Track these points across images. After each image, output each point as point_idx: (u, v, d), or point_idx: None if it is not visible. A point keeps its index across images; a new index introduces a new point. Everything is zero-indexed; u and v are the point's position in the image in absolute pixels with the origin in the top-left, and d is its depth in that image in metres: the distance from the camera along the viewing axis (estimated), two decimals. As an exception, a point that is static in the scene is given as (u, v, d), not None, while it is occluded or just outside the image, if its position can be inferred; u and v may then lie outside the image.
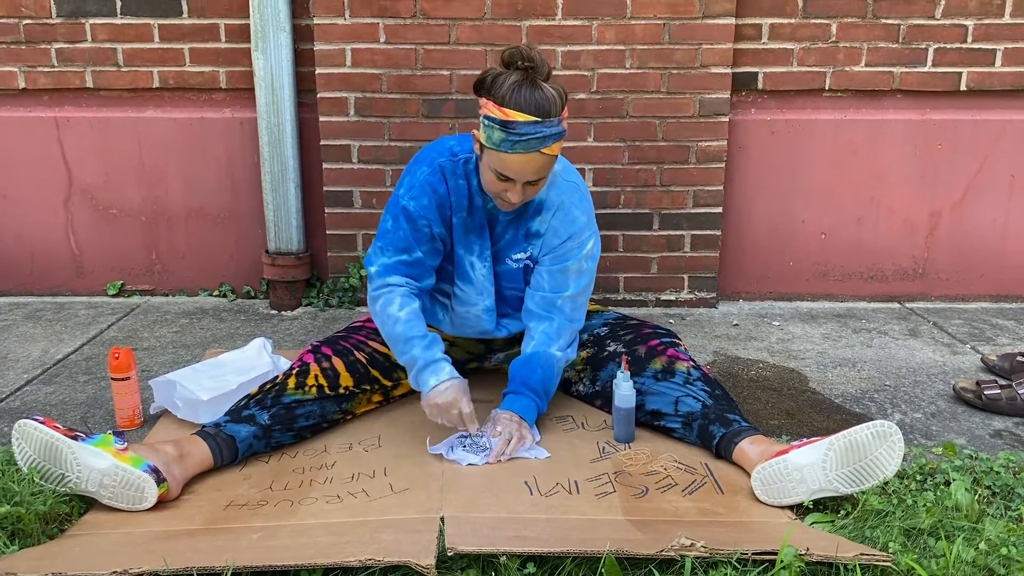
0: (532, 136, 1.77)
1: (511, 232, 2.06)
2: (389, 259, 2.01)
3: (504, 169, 1.82)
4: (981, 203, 3.24)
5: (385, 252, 2.01)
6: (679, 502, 1.76)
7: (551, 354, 2.06)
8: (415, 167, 2.01)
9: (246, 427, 1.93)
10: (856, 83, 3.12)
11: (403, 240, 1.99)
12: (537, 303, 2.08)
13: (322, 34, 2.98)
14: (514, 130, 1.76)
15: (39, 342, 2.80)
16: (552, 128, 1.78)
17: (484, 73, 1.83)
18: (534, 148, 1.78)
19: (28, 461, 1.71)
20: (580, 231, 2.04)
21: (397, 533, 1.60)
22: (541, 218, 2.04)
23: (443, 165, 1.98)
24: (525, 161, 1.80)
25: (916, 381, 2.50)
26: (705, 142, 3.07)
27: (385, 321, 1.99)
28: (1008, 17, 3.06)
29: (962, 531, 1.60)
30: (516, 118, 1.76)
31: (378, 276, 2.01)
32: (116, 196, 3.26)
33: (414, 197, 1.97)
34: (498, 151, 1.80)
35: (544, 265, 2.07)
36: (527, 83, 1.77)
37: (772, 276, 3.31)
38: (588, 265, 2.08)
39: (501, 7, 2.95)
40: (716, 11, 2.95)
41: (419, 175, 1.98)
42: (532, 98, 1.76)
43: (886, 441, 1.68)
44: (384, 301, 1.99)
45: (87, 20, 3.09)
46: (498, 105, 1.78)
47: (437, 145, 2.04)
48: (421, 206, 1.97)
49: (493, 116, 1.78)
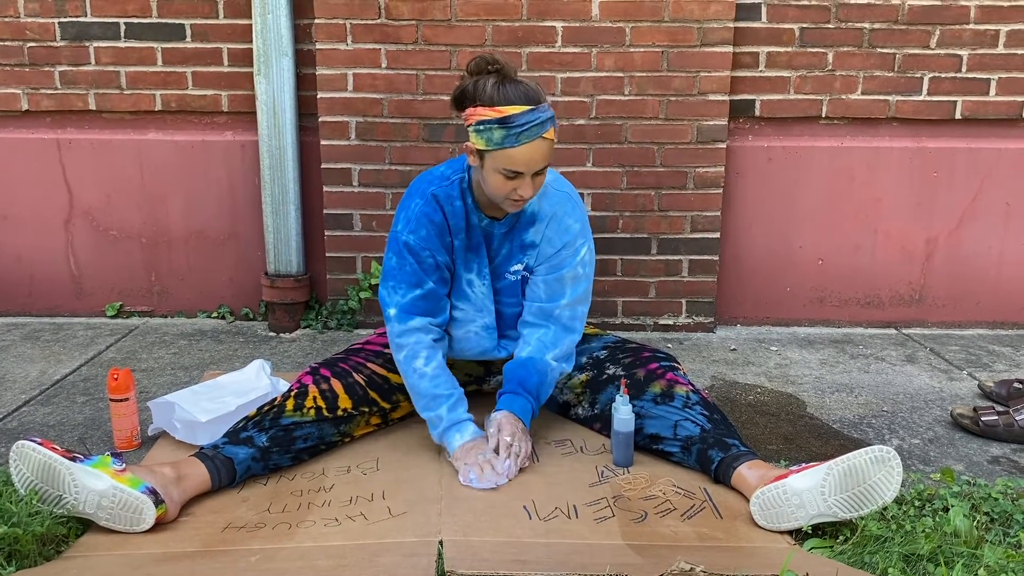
0: (532, 123, 1.82)
1: (507, 246, 2.08)
2: (404, 297, 2.02)
3: (513, 165, 1.85)
4: (977, 230, 3.26)
5: (398, 291, 2.02)
6: (678, 527, 1.76)
7: (546, 361, 2.07)
8: (408, 200, 2.04)
9: (244, 449, 1.93)
10: (852, 111, 3.15)
11: (412, 275, 2.01)
12: (534, 313, 2.10)
13: (324, 59, 3.01)
14: (514, 123, 1.81)
15: (37, 363, 2.80)
16: (546, 113, 1.85)
17: (458, 88, 1.90)
18: (536, 135, 1.83)
19: (26, 483, 1.71)
20: (574, 239, 2.07)
21: (396, 557, 1.59)
22: (535, 228, 2.06)
23: (435, 193, 2.01)
24: (532, 150, 1.84)
25: (913, 407, 2.50)
26: (703, 168, 3.10)
27: (410, 374, 2.02)
28: (1002, 47, 3.10)
29: (961, 557, 1.60)
30: (512, 111, 1.81)
31: (398, 320, 2.02)
32: (117, 218, 3.27)
33: (412, 231, 2.00)
34: (503, 148, 1.84)
35: (539, 275, 2.09)
36: (506, 80, 1.84)
37: (769, 301, 3.32)
38: (584, 271, 2.10)
39: (502, 34, 2.98)
40: (714, 39, 2.99)
41: (413, 208, 2.01)
42: (518, 91, 1.84)
43: (885, 466, 1.69)
44: (409, 353, 2.01)
45: (91, 43, 3.12)
46: (489, 107, 1.83)
47: (426, 176, 2.08)
48: (420, 238, 2.00)
49: (488, 118, 1.83)
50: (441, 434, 2.01)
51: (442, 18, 2.97)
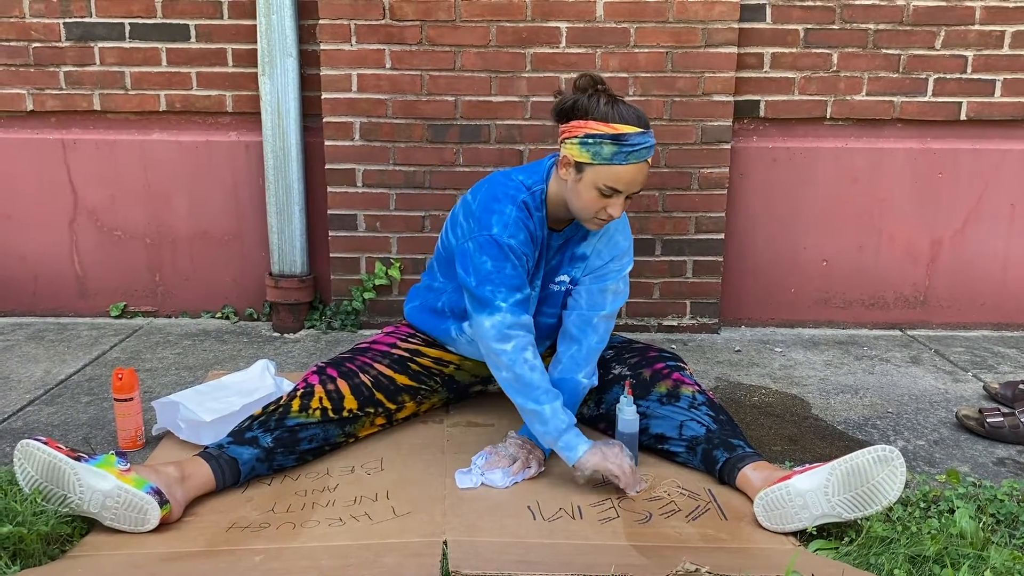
0: (643, 145, 1.84)
1: (558, 257, 2.10)
2: (508, 299, 1.94)
3: (617, 183, 1.85)
4: (982, 232, 3.26)
5: (499, 294, 1.93)
6: (683, 528, 1.76)
7: (577, 381, 2.07)
8: (498, 205, 1.96)
9: (249, 449, 1.93)
10: (857, 112, 3.14)
11: (515, 278, 1.95)
12: (574, 321, 2.10)
13: (328, 59, 3.02)
14: (627, 142, 1.82)
15: (42, 363, 2.80)
16: (652, 139, 1.87)
17: (564, 99, 1.89)
18: (643, 158, 1.85)
19: (30, 482, 1.71)
20: (622, 254, 2.10)
21: (400, 557, 1.59)
22: (588, 242, 2.08)
23: (526, 201, 1.98)
24: (637, 171, 1.86)
25: (918, 408, 2.50)
26: (707, 169, 3.09)
27: (519, 363, 1.92)
28: (1007, 48, 3.09)
29: (967, 559, 1.59)
30: (627, 131, 1.83)
31: (511, 313, 1.93)
32: (121, 218, 3.27)
33: (512, 235, 1.94)
34: (611, 165, 1.84)
35: (583, 284, 2.10)
36: (618, 101, 1.86)
37: (774, 302, 3.32)
38: (624, 288, 2.13)
39: (506, 35, 2.98)
40: (718, 40, 2.99)
41: (509, 214, 1.95)
42: (631, 112, 1.85)
43: (888, 466, 1.68)
44: (518, 344, 1.93)
45: (96, 44, 3.12)
46: (602, 122, 1.83)
47: (507, 181, 2.01)
48: (519, 242, 1.95)
49: (601, 133, 1.83)
50: (561, 432, 1.90)
51: (446, 19, 2.97)
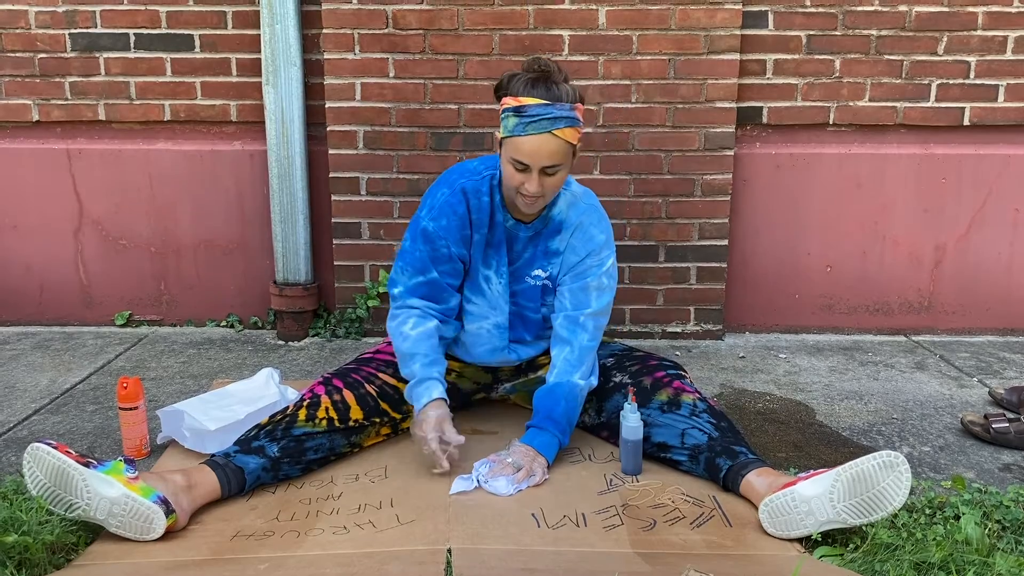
0: (543, 116, 1.86)
1: (530, 250, 2.11)
2: (408, 280, 2.11)
3: (519, 154, 1.89)
4: (986, 237, 3.25)
5: (405, 272, 2.11)
6: (687, 535, 1.76)
7: (574, 383, 2.07)
8: (436, 189, 2.10)
9: (255, 459, 1.93)
10: (860, 118, 3.15)
11: (420, 261, 2.08)
12: (561, 323, 2.12)
13: (332, 68, 3.03)
14: (526, 112, 1.86)
15: (47, 371, 2.81)
16: (562, 111, 1.87)
17: (501, 77, 1.95)
18: (545, 128, 1.86)
19: (38, 486, 1.71)
20: (599, 249, 2.11)
21: (404, 565, 1.59)
22: (561, 237, 2.10)
23: (464, 187, 2.06)
24: (539, 143, 1.87)
25: (923, 414, 2.49)
26: (710, 175, 3.10)
27: (396, 338, 2.09)
28: (1010, 53, 3.09)
29: (973, 565, 1.59)
30: (528, 102, 1.87)
31: (400, 297, 2.12)
32: (126, 227, 3.29)
33: (434, 218, 2.05)
34: (512, 136, 1.89)
35: (565, 284, 2.13)
36: (541, 80, 1.89)
37: (778, 308, 3.32)
38: (608, 283, 2.13)
39: (508, 43, 2.99)
40: (721, 47, 2.99)
41: (440, 196, 2.06)
42: (545, 88, 1.89)
43: (893, 471, 1.68)
44: (400, 320, 2.10)
45: (101, 54, 3.14)
46: (513, 97, 1.89)
47: (459, 167, 2.13)
48: (440, 227, 2.05)
49: (508, 106, 1.89)
50: (409, 391, 2.04)
51: (449, 27, 2.98)
